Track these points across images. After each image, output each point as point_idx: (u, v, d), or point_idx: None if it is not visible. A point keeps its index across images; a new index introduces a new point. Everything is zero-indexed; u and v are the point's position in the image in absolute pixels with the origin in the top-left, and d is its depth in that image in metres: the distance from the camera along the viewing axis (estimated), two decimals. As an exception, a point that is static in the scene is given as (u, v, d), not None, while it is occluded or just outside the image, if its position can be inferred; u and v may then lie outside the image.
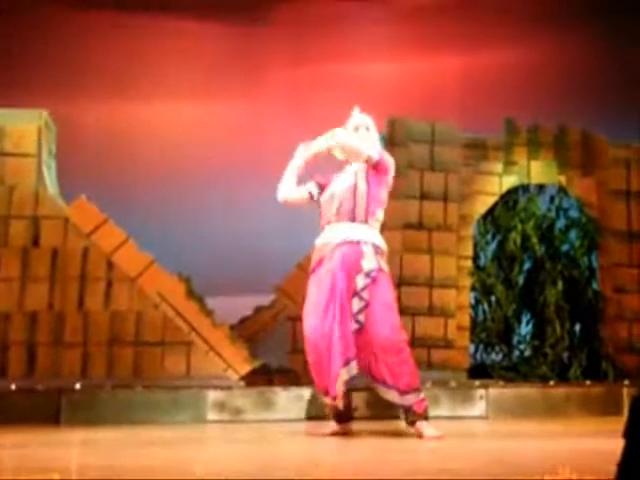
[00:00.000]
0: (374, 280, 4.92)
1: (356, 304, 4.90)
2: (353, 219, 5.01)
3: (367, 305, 4.90)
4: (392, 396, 4.92)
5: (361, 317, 4.90)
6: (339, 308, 4.86)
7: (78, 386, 6.14)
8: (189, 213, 8.91)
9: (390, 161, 5.10)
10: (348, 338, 4.85)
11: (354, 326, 4.88)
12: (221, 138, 9.41)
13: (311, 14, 9.87)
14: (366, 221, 5.01)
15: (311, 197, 5.20)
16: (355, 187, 5.03)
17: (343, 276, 4.90)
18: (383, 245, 5.07)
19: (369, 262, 4.94)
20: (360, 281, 4.91)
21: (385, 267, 5.02)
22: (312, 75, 9.71)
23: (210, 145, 9.32)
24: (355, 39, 9.81)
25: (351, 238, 4.97)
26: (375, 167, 5.03)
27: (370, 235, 5.01)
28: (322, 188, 5.20)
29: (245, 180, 9.18)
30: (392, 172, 5.12)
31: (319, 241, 5.09)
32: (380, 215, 5.10)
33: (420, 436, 4.86)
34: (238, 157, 9.27)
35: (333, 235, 5.01)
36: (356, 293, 4.90)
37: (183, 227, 8.73)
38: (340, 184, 5.11)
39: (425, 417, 4.92)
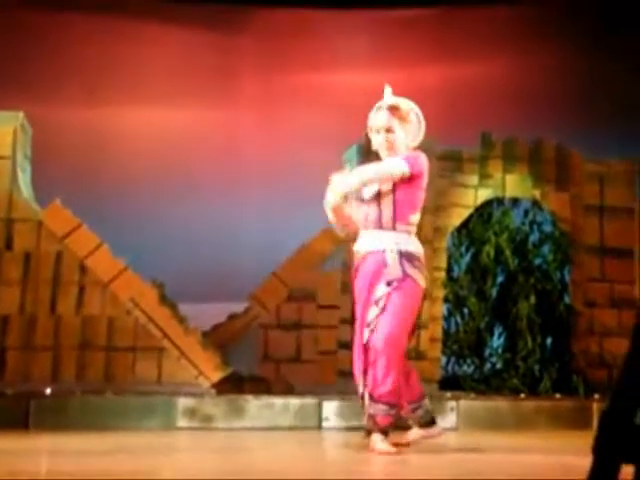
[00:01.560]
0: (395, 288, 4.71)
1: (372, 312, 4.71)
2: (380, 226, 4.81)
3: (382, 311, 4.68)
4: (365, 398, 4.68)
5: (374, 324, 4.70)
6: (359, 324, 4.78)
7: (48, 391, 6.10)
8: (164, 219, 8.88)
9: (422, 164, 4.83)
10: (358, 357, 4.77)
11: (367, 335, 4.72)
12: (197, 145, 9.40)
13: (286, 25, 9.89)
14: (394, 227, 4.79)
15: None
16: (379, 194, 4.81)
17: (366, 288, 4.78)
18: (413, 248, 4.82)
19: (392, 271, 4.73)
20: (380, 290, 4.73)
21: (413, 273, 4.76)
22: (287, 86, 9.72)
23: (186, 152, 9.30)
24: (331, 51, 9.84)
25: (377, 247, 4.79)
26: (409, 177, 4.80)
27: (396, 241, 4.79)
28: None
29: (221, 187, 9.17)
30: (426, 172, 4.86)
31: (355, 247, 4.95)
32: (413, 219, 4.85)
33: (371, 450, 4.60)
34: (214, 164, 9.26)
35: (362, 243, 4.87)
36: (375, 302, 4.72)
37: (158, 233, 8.70)
38: (368, 188, 4.83)
39: (384, 431, 4.65)
